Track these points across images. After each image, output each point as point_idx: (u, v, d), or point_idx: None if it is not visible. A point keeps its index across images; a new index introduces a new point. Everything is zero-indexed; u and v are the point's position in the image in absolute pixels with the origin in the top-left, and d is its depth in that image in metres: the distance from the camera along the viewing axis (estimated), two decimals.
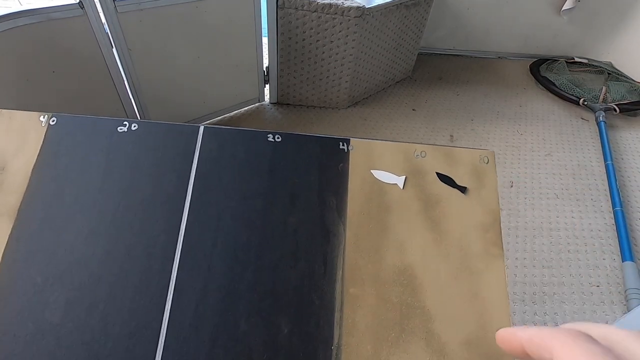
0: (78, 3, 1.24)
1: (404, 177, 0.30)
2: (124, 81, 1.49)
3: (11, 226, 0.30)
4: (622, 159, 1.85)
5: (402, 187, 0.30)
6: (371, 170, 0.30)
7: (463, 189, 0.30)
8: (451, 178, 0.30)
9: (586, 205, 1.61)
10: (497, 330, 0.21)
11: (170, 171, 0.31)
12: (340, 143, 0.31)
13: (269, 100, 2.05)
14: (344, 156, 0.31)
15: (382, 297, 0.26)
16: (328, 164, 0.31)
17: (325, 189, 0.30)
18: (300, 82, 1.96)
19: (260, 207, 0.29)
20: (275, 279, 0.28)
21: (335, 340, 0.26)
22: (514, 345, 0.21)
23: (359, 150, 0.31)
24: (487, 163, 0.31)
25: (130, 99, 1.56)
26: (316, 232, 0.29)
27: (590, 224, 1.53)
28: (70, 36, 1.28)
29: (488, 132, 1.98)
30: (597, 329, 0.20)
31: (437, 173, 0.30)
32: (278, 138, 0.31)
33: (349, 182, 0.30)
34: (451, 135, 1.95)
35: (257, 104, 2.03)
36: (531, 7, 2.39)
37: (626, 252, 1.38)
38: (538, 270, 1.35)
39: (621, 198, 1.58)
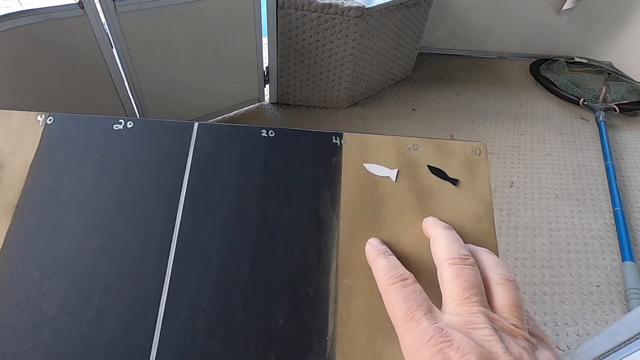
0: (78, 3, 1.24)
1: (397, 169, 0.31)
2: (123, 81, 1.50)
3: (9, 222, 0.30)
4: (622, 159, 1.85)
5: (394, 180, 0.30)
6: (364, 164, 0.31)
7: (455, 181, 0.30)
8: (443, 170, 0.31)
9: (586, 205, 1.61)
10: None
11: (166, 167, 0.31)
12: (334, 137, 0.32)
13: (268, 100, 2.06)
14: (337, 150, 0.31)
15: (376, 288, 0.27)
16: (321, 158, 0.31)
17: (319, 182, 0.30)
18: (300, 82, 1.96)
19: (255, 201, 0.30)
20: (271, 271, 0.28)
21: (330, 331, 0.26)
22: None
23: (352, 144, 0.32)
24: (479, 154, 0.31)
25: (130, 99, 1.56)
26: (310, 225, 0.29)
27: (590, 224, 1.53)
28: (70, 36, 1.28)
29: (488, 132, 1.98)
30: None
31: (429, 166, 0.31)
32: (272, 133, 0.32)
33: (343, 176, 0.31)
34: (451, 135, 1.95)
35: (257, 104, 2.04)
36: (531, 7, 2.40)
37: (626, 252, 1.38)
38: (538, 270, 1.35)
39: (621, 198, 1.58)
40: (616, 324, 0.85)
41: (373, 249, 0.27)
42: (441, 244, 0.26)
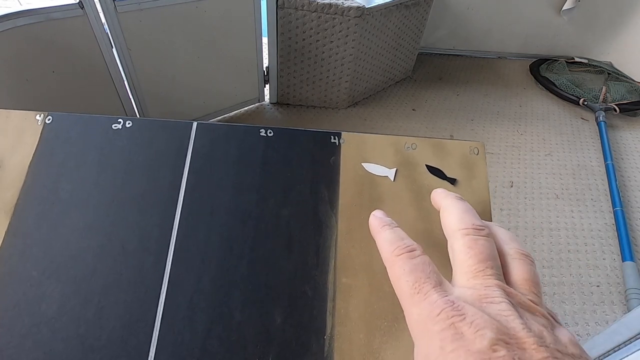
0: (78, 3, 1.24)
1: (395, 169, 0.31)
2: (123, 81, 1.50)
3: (8, 222, 0.30)
4: (622, 159, 1.85)
5: (393, 179, 0.30)
6: (362, 163, 0.31)
7: (452, 181, 0.30)
8: (441, 170, 0.31)
9: (586, 205, 1.61)
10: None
11: (164, 167, 0.31)
12: (332, 137, 0.32)
13: (268, 100, 2.06)
14: (335, 149, 0.31)
15: (375, 286, 0.27)
16: (320, 157, 0.31)
17: (317, 181, 0.30)
18: (300, 82, 1.96)
19: (253, 200, 0.30)
20: (269, 270, 0.28)
21: (328, 330, 0.26)
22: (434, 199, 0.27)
23: (350, 143, 0.32)
24: (477, 154, 0.32)
25: (130, 99, 1.56)
26: (309, 224, 0.29)
27: (590, 224, 1.53)
28: (70, 36, 1.28)
29: (488, 132, 1.98)
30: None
31: (427, 165, 0.31)
32: (270, 133, 0.32)
33: (341, 175, 0.31)
34: (451, 135, 1.95)
35: (257, 104, 2.04)
36: (531, 7, 2.39)
37: (626, 252, 1.37)
38: (538, 270, 1.35)
39: (621, 198, 1.58)
40: (616, 324, 0.85)
41: (377, 220, 0.25)
42: (452, 214, 0.24)
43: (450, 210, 0.24)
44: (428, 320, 0.19)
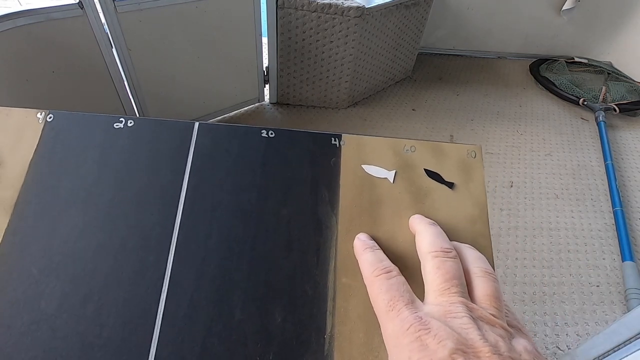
0: (78, 3, 1.24)
1: (394, 171, 0.31)
2: (123, 81, 1.50)
3: (8, 220, 0.30)
4: (622, 159, 1.85)
5: (392, 181, 0.31)
6: (362, 165, 0.31)
7: (450, 185, 0.31)
8: (439, 174, 0.31)
9: (586, 205, 1.61)
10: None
11: (165, 166, 0.31)
12: (332, 138, 0.32)
13: (268, 100, 2.06)
14: (335, 151, 0.32)
15: None
16: (320, 158, 0.31)
17: (317, 182, 0.30)
18: (300, 82, 1.96)
19: (254, 200, 0.30)
20: (269, 269, 0.28)
21: (328, 329, 0.26)
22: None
23: (350, 145, 0.32)
24: (474, 157, 0.32)
25: (130, 99, 1.56)
26: (309, 224, 0.29)
27: (590, 224, 1.53)
28: (70, 36, 1.28)
29: (488, 132, 1.98)
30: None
31: (425, 169, 0.31)
32: (271, 134, 0.32)
33: (341, 176, 0.31)
34: (451, 135, 1.95)
35: (256, 104, 2.04)
36: (531, 7, 2.40)
37: (626, 252, 1.38)
38: (538, 270, 1.35)
39: (621, 198, 1.58)
40: (616, 324, 0.85)
41: (361, 243, 0.28)
42: (425, 238, 0.26)
43: (423, 234, 0.27)
44: (399, 334, 0.21)
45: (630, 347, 0.80)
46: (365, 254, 0.27)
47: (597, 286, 1.31)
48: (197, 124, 0.32)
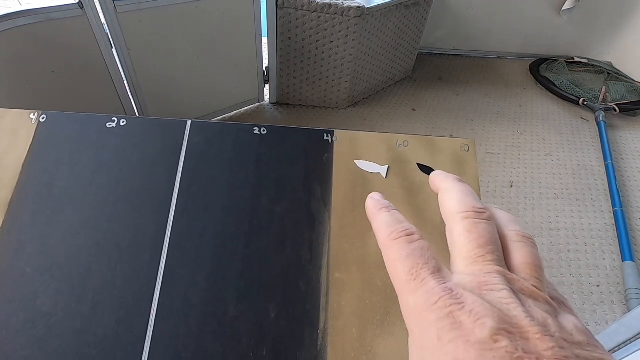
0: (77, 3, 1.24)
1: (387, 166, 0.31)
2: (123, 81, 1.50)
3: (2, 219, 0.30)
4: (622, 159, 1.85)
5: (385, 176, 0.31)
6: (355, 161, 0.31)
7: None
8: (431, 168, 0.31)
9: (586, 205, 1.61)
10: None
11: (159, 164, 0.31)
12: (325, 134, 0.32)
13: (268, 100, 2.06)
14: (328, 147, 0.32)
15: (367, 281, 0.27)
16: (313, 154, 0.31)
17: (310, 178, 0.30)
18: (300, 82, 1.97)
19: (247, 197, 0.30)
20: (263, 266, 0.28)
21: (322, 325, 0.26)
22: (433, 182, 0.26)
23: (342, 141, 0.32)
24: (467, 151, 0.32)
25: (130, 99, 1.56)
26: (302, 220, 0.29)
27: (590, 224, 1.53)
28: (69, 36, 1.29)
29: (488, 132, 1.98)
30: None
31: (418, 164, 0.31)
32: (264, 131, 0.32)
33: (334, 172, 0.31)
34: (451, 135, 1.95)
35: (256, 104, 2.04)
36: (531, 7, 2.39)
37: (626, 252, 1.37)
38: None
39: (621, 198, 1.58)
40: (616, 324, 0.85)
41: (374, 202, 0.24)
42: (452, 196, 0.23)
43: (450, 193, 0.23)
44: (424, 309, 0.18)
45: (630, 347, 0.80)
46: (380, 214, 0.23)
47: (597, 286, 1.31)
48: (189, 122, 0.33)
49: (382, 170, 0.31)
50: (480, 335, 0.16)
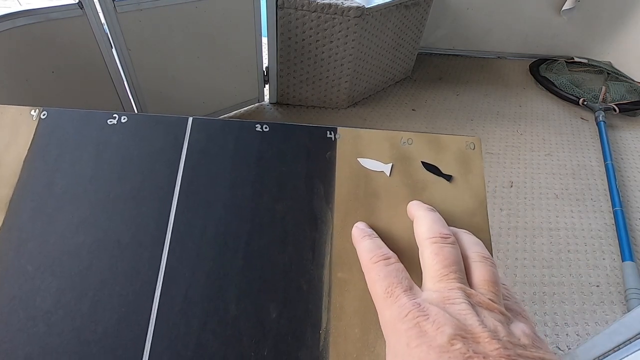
0: (77, 3, 1.24)
1: (391, 164, 0.31)
2: (123, 81, 1.50)
3: (3, 217, 0.30)
4: (622, 159, 1.85)
5: (389, 174, 0.30)
6: (358, 159, 0.31)
7: (448, 177, 0.30)
8: (437, 167, 0.31)
9: (586, 205, 1.61)
10: None
11: (160, 161, 0.31)
12: (328, 132, 0.32)
13: (268, 100, 2.06)
14: (331, 144, 0.31)
15: None
16: (315, 152, 0.31)
17: (312, 176, 0.30)
18: (299, 82, 1.97)
19: (249, 195, 0.30)
20: (264, 264, 0.28)
21: (324, 324, 0.26)
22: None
23: (346, 138, 0.32)
24: (473, 149, 0.31)
25: (130, 99, 1.56)
26: (304, 219, 0.29)
27: (590, 224, 1.53)
28: (69, 36, 1.28)
29: (488, 132, 1.98)
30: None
31: (423, 162, 0.31)
32: (266, 128, 0.32)
33: (337, 170, 0.31)
34: None
35: (256, 104, 2.04)
36: (531, 7, 2.40)
37: (626, 252, 1.37)
38: (538, 270, 1.35)
39: (621, 198, 1.58)
40: (616, 324, 0.85)
41: (359, 231, 0.28)
42: (423, 224, 0.26)
43: (422, 220, 0.27)
44: (397, 321, 0.21)
45: (630, 347, 0.80)
46: (363, 242, 0.27)
47: (597, 286, 1.31)
48: (190, 119, 0.32)
49: (386, 168, 0.31)
50: (440, 340, 0.19)
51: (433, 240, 0.25)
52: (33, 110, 0.33)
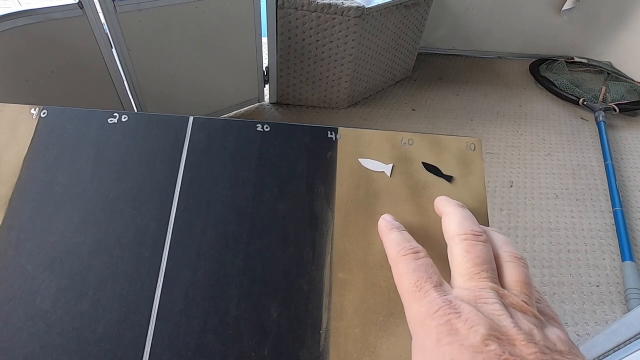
0: (77, 3, 1.24)
1: (392, 164, 0.31)
2: (123, 81, 1.50)
3: (3, 216, 0.30)
4: (622, 159, 1.85)
5: (389, 175, 0.30)
6: (359, 159, 0.31)
7: (449, 178, 0.30)
8: (437, 167, 0.31)
9: (586, 205, 1.61)
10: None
11: (160, 161, 0.31)
12: (329, 132, 0.32)
13: (268, 100, 2.06)
14: (332, 145, 0.31)
15: (370, 281, 0.26)
16: (316, 152, 0.31)
17: (313, 176, 0.30)
18: (299, 82, 1.96)
19: (249, 195, 0.29)
20: (265, 264, 0.28)
21: (324, 325, 0.26)
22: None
23: (346, 138, 0.32)
24: (474, 150, 0.31)
25: (130, 99, 1.56)
26: (305, 219, 0.29)
27: (590, 224, 1.53)
28: (69, 36, 1.28)
29: (488, 132, 1.98)
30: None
31: (423, 163, 0.31)
32: (267, 127, 0.31)
33: (337, 170, 0.31)
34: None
35: (256, 104, 2.04)
36: (531, 7, 2.39)
37: (626, 252, 1.37)
38: (538, 270, 1.35)
39: (621, 198, 1.58)
40: (616, 324, 0.84)
41: (386, 223, 0.27)
42: (454, 220, 0.25)
43: (451, 216, 0.26)
44: (427, 317, 0.20)
45: (630, 347, 0.79)
46: (391, 234, 0.26)
47: (597, 286, 1.31)
48: (191, 119, 0.32)
49: (387, 168, 0.31)
50: (473, 340, 0.18)
51: (464, 237, 0.24)
52: (33, 109, 0.33)
